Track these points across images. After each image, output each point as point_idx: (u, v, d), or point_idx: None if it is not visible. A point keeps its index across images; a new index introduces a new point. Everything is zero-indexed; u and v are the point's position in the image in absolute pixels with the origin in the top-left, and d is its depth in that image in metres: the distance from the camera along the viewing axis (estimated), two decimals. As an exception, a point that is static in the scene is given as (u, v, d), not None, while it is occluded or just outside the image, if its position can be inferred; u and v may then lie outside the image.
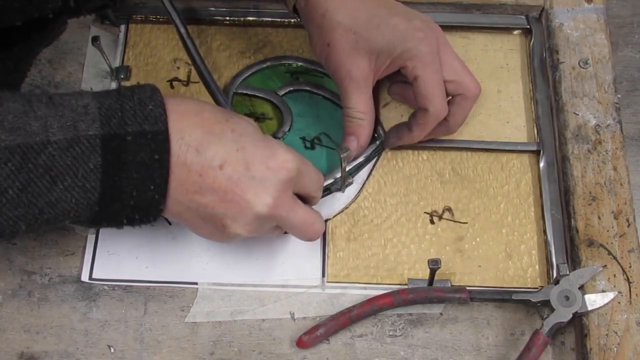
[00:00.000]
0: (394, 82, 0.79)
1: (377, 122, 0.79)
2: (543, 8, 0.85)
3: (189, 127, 0.60)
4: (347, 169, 0.75)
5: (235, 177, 0.61)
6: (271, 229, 0.66)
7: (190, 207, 0.62)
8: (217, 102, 0.76)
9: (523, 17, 0.85)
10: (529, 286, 0.72)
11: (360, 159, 0.77)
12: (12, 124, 0.56)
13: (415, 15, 0.73)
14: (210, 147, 0.60)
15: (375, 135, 0.79)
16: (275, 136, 0.79)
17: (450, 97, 0.74)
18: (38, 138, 0.56)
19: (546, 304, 0.69)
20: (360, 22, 0.71)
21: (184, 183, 0.60)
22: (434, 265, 0.68)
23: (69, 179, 0.57)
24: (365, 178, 0.77)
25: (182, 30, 0.76)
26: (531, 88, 0.82)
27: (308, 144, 0.79)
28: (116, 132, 0.58)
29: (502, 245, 0.74)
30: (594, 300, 0.69)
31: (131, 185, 0.59)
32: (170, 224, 0.75)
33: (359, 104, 0.74)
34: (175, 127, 0.60)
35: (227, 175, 0.60)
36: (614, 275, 0.70)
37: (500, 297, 0.71)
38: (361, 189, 0.77)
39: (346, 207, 0.76)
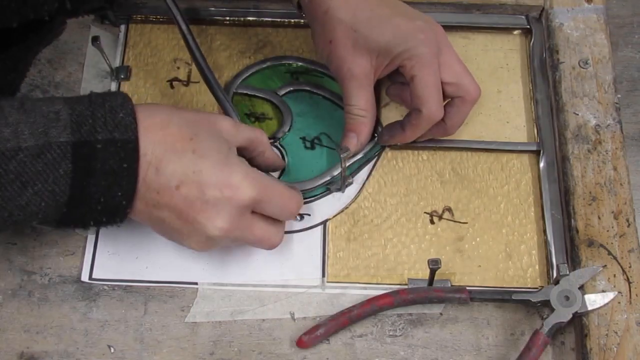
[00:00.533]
0: (393, 82, 0.79)
1: (377, 121, 0.79)
2: (543, 8, 0.85)
3: (152, 143, 0.61)
4: (346, 166, 0.75)
5: (190, 198, 0.62)
6: (228, 243, 0.67)
7: (151, 218, 0.64)
8: (218, 100, 0.76)
9: (523, 17, 0.85)
10: (529, 286, 0.72)
11: (359, 156, 0.77)
12: None
13: (418, 16, 0.73)
14: (169, 166, 0.61)
15: (375, 134, 0.79)
16: (275, 136, 0.79)
17: (449, 100, 0.74)
18: (9, 144, 0.57)
19: (546, 304, 0.69)
20: (361, 20, 0.71)
21: (143, 197, 0.62)
22: (434, 265, 0.68)
23: (39, 184, 0.58)
24: (365, 178, 0.77)
25: (184, 27, 0.76)
26: (531, 88, 0.82)
27: (308, 144, 0.79)
28: (87, 140, 0.59)
29: (502, 245, 0.74)
30: (594, 300, 0.69)
31: (99, 191, 0.60)
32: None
33: (360, 101, 0.74)
34: (142, 140, 0.61)
35: (182, 195, 0.62)
36: (614, 275, 0.70)
37: (500, 297, 0.71)
38: (361, 189, 0.77)
39: (346, 207, 0.76)
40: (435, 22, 0.73)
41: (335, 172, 0.75)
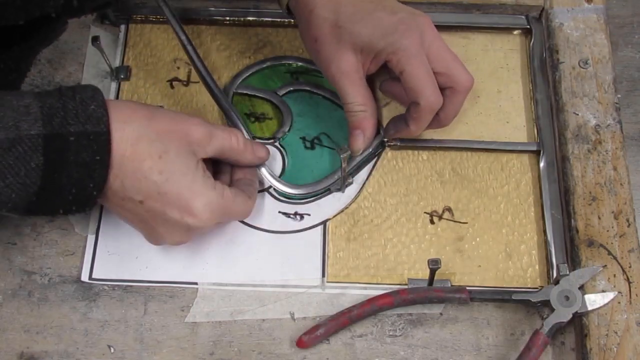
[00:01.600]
0: (385, 79, 0.78)
1: (378, 122, 0.79)
2: (543, 8, 0.85)
3: (121, 152, 0.63)
4: (346, 166, 0.75)
5: (152, 212, 0.65)
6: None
7: (119, 213, 0.68)
8: (221, 107, 0.76)
9: (523, 17, 0.85)
10: (529, 286, 0.72)
11: (366, 153, 0.77)
12: None
13: (402, 9, 0.72)
14: (134, 184, 0.63)
15: (380, 129, 0.78)
16: (275, 136, 0.79)
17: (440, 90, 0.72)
18: None
19: (546, 304, 0.69)
20: (344, 16, 0.71)
21: (111, 198, 0.65)
22: (434, 265, 0.68)
23: (10, 178, 0.58)
24: (365, 178, 0.77)
25: (183, 37, 0.76)
26: (531, 88, 0.82)
27: (308, 144, 0.79)
28: (59, 132, 0.59)
29: (502, 245, 0.74)
30: (594, 300, 0.69)
31: (70, 183, 0.61)
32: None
33: (357, 96, 0.73)
34: (116, 129, 0.62)
35: (145, 208, 0.65)
36: (614, 275, 0.70)
37: (500, 297, 0.71)
38: (361, 189, 0.77)
39: (346, 207, 0.76)
40: (420, 13, 0.72)
41: (337, 174, 0.76)
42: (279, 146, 0.79)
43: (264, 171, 0.75)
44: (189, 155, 0.66)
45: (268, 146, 0.77)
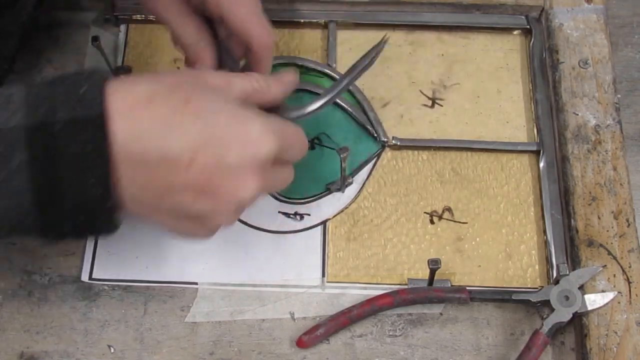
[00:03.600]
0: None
1: (378, 122, 0.79)
2: (543, 8, 0.85)
3: (139, 121, 0.51)
4: (346, 166, 0.75)
5: (208, 169, 0.52)
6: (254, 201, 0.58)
7: (160, 207, 0.54)
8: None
9: (523, 17, 0.85)
10: (528, 286, 0.72)
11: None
12: None
13: None
14: (173, 144, 0.51)
15: (375, 135, 0.79)
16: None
17: None
18: None
19: (546, 304, 0.69)
20: None
21: (145, 182, 0.52)
22: (434, 265, 0.68)
23: None
24: (365, 178, 0.78)
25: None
26: (531, 88, 0.82)
27: (308, 144, 0.79)
28: (42, 121, 0.49)
29: (502, 245, 0.74)
30: (594, 300, 0.69)
31: (66, 182, 0.50)
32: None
33: (188, 27, 0.66)
34: (119, 114, 0.50)
35: (199, 169, 0.52)
36: (614, 275, 0.70)
37: (500, 297, 0.71)
38: (361, 189, 0.77)
39: (346, 207, 0.76)
40: None
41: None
42: (279, 146, 0.79)
43: None
44: (219, 93, 0.56)
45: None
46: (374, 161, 0.78)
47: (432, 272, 0.70)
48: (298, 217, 0.76)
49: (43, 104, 0.50)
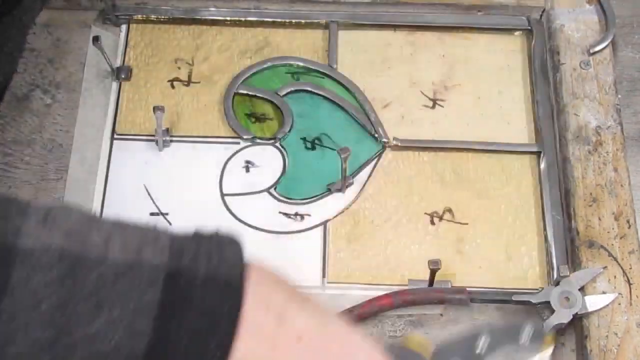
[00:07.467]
0: None
1: (378, 123, 0.79)
2: (544, 9, 0.85)
3: (268, 291, 0.51)
4: (347, 167, 0.75)
5: (310, 352, 0.51)
6: None
7: None
8: None
9: (524, 18, 0.85)
10: (529, 287, 0.72)
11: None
12: (71, 229, 0.47)
13: None
14: (295, 318, 0.51)
15: (376, 136, 0.79)
16: (276, 137, 0.79)
17: None
18: (95, 251, 0.47)
19: (546, 305, 0.69)
20: None
21: (252, 354, 0.50)
22: (434, 266, 0.68)
23: (117, 311, 0.46)
24: (366, 179, 0.77)
25: None
26: (532, 89, 0.82)
27: (309, 145, 0.79)
28: (185, 268, 0.48)
29: (502, 247, 0.74)
30: (594, 302, 0.69)
31: (187, 336, 0.48)
32: (170, 224, 0.75)
33: None
34: (253, 284, 0.50)
35: (302, 348, 0.51)
36: (615, 277, 0.70)
37: (501, 298, 0.71)
38: (362, 189, 0.77)
39: (347, 208, 0.76)
40: None
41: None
42: (279, 147, 0.79)
43: None
44: None
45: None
46: (374, 162, 0.78)
47: (433, 273, 0.70)
48: (298, 217, 0.76)
49: (187, 252, 0.49)
